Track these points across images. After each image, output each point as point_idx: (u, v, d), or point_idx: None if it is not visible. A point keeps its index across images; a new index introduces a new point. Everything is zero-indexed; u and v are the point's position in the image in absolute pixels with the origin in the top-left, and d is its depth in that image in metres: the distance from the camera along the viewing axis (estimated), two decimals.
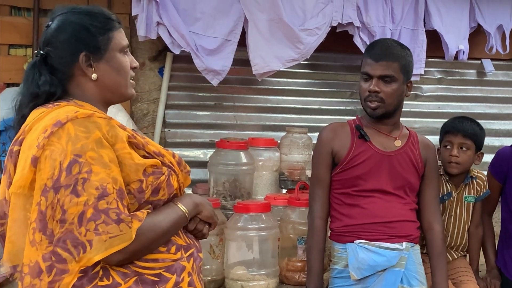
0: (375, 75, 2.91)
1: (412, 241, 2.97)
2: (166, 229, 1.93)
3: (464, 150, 3.33)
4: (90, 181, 1.78)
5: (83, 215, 1.76)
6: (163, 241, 1.94)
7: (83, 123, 1.84)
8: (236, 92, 4.60)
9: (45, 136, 1.82)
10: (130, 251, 1.81)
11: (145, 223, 1.84)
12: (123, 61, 2.05)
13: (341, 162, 2.97)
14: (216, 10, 4.15)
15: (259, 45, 4.18)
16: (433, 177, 3.10)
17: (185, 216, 2.01)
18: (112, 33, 2.03)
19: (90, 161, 1.80)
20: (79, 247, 1.77)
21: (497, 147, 4.69)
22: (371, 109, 2.95)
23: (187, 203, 2.04)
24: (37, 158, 1.82)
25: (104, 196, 1.78)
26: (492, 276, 3.50)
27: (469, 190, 3.44)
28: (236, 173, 3.66)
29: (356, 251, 2.89)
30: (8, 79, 4.17)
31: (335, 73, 4.80)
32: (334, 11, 4.29)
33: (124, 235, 1.78)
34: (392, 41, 3.14)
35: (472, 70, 5.11)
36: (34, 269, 1.82)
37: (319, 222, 2.99)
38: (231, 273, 3.25)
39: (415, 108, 4.89)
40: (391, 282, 2.85)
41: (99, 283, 1.82)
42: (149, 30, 3.98)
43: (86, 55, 1.99)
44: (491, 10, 4.75)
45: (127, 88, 2.08)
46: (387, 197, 2.95)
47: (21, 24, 4.21)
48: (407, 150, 3.01)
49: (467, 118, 3.47)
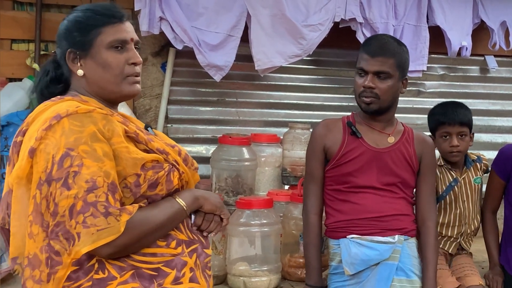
0: (371, 71, 2.89)
1: (406, 234, 2.95)
2: (160, 223, 1.91)
3: (462, 137, 3.37)
4: (80, 174, 1.78)
5: (73, 208, 1.77)
6: (159, 235, 1.92)
7: (79, 118, 1.85)
8: (239, 88, 4.60)
9: (43, 128, 1.84)
10: (119, 245, 1.80)
11: (135, 216, 1.83)
12: (109, 57, 1.98)
13: (333, 158, 2.96)
14: (219, 5, 4.15)
15: (261, 40, 4.18)
16: (428, 173, 3.08)
17: (183, 209, 1.99)
18: (101, 29, 1.98)
19: (82, 155, 1.80)
20: (70, 239, 1.78)
21: (500, 144, 4.69)
22: (365, 104, 2.93)
23: (186, 196, 2.02)
24: (34, 149, 1.83)
25: (94, 189, 1.78)
26: (495, 273, 3.50)
27: (476, 172, 3.49)
28: (239, 169, 3.65)
29: (349, 246, 2.89)
30: (10, 74, 4.17)
31: (338, 69, 4.80)
32: (337, 6, 4.29)
33: (112, 228, 1.78)
34: (389, 37, 3.13)
35: (475, 66, 5.11)
36: (33, 261, 1.83)
37: (314, 217, 2.99)
38: (233, 269, 3.25)
39: (417, 104, 4.88)
40: (385, 276, 2.84)
41: (94, 276, 1.83)
42: (152, 25, 3.98)
43: (72, 52, 1.99)
44: (494, 6, 4.74)
45: (119, 85, 2.01)
46: (379, 192, 2.94)
47: (24, 18, 4.20)
48: (400, 146, 3.00)
49: (455, 103, 3.49)
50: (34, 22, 4.17)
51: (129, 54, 2.02)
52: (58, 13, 4.24)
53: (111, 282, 1.84)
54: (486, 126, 5.02)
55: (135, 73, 2.03)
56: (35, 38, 4.16)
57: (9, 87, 4.03)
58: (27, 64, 4.15)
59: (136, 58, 2.03)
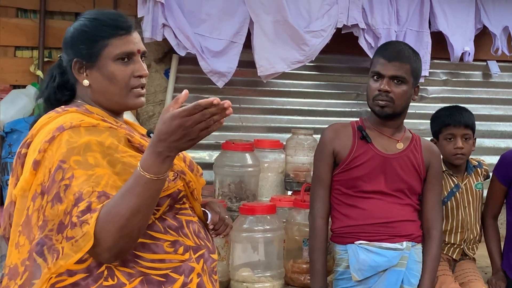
0: (387, 75, 2.91)
1: (414, 240, 2.96)
2: (134, 206, 1.71)
3: (467, 140, 3.39)
4: (70, 187, 1.76)
5: (62, 222, 1.75)
6: (145, 221, 1.77)
7: (78, 131, 1.84)
8: (242, 94, 4.60)
9: (46, 140, 1.83)
10: (107, 247, 1.72)
11: (100, 215, 1.71)
12: (115, 70, 1.97)
13: (342, 162, 2.97)
14: (221, 11, 4.16)
15: (264, 46, 4.19)
16: (435, 182, 3.09)
17: (147, 177, 1.71)
18: (108, 41, 1.96)
19: (74, 166, 1.77)
20: (54, 253, 1.75)
21: (503, 149, 4.69)
22: (379, 108, 2.93)
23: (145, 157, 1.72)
24: (38, 162, 1.83)
25: (79, 202, 1.74)
26: (498, 278, 3.50)
27: (476, 178, 3.51)
28: (242, 175, 3.66)
29: (357, 252, 2.89)
30: (14, 81, 4.17)
31: (341, 75, 4.80)
32: (340, 12, 4.30)
33: (86, 234, 1.70)
34: (405, 44, 3.16)
35: (478, 71, 5.11)
36: (13, 271, 1.83)
37: (320, 221, 2.99)
38: (236, 274, 3.25)
39: (420, 109, 4.88)
40: (393, 282, 2.86)
41: (104, 283, 1.82)
42: (155, 32, 3.99)
43: (79, 62, 1.98)
44: (496, 11, 4.75)
45: (124, 97, 1.99)
46: (386, 198, 2.95)
47: (27, 26, 4.21)
48: (408, 153, 3.01)
49: (459, 107, 3.52)
50: (37, 29, 4.18)
51: (135, 67, 2.00)
52: (61, 20, 4.25)
53: None
54: (489, 131, 5.02)
55: (140, 85, 2.02)
56: (39, 45, 4.17)
57: (13, 94, 4.04)
58: (31, 71, 4.16)
59: (142, 71, 2.01)
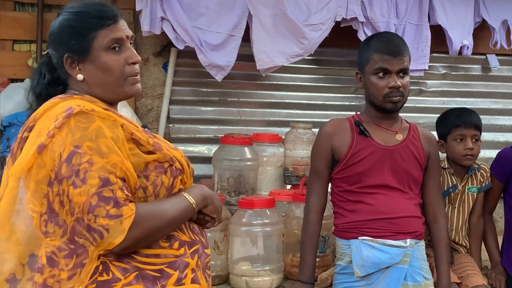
0: (395, 70, 2.88)
1: (417, 237, 2.96)
2: (172, 218, 1.92)
3: (476, 141, 3.40)
4: (92, 171, 1.79)
5: (89, 203, 1.77)
6: (168, 231, 1.92)
7: (86, 116, 1.85)
8: (240, 88, 4.59)
9: (56, 126, 1.83)
10: (132, 237, 1.80)
11: (148, 209, 1.85)
12: (109, 60, 1.97)
13: (342, 159, 2.94)
14: (220, 5, 4.14)
15: (263, 40, 4.17)
16: (436, 170, 3.09)
17: (192, 207, 1.99)
18: (97, 32, 1.96)
19: (88, 152, 1.80)
20: (94, 233, 1.78)
21: (502, 143, 4.70)
22: (393, 104, 2.90)
23: (196, 194, 2.02)
24: (45, 146, 1.83)
25: (108, 184, 1.79)
26: (497, 272, 3.50)
27: (472, 181, 3.50)
28: (241, 169, 3.66)
29: (360, 248, 2.88)
30: (12, 75, 4.17)
31: (340, 69, 4.79)
32: (338, 6, 4.28)
33: (130, 217, 1.79)
34: (395, 35, 3.17)
35: (477, 65, 5.10)
36: (51, 260, 1.83)
37: (314, 215, 2.97)
38: (235, 268, 3.25)
39: (419, 103, 4.88)
40: (395, 279, 2.85)
41: (98, 278, 1.83)
42: (153, 25, 3.98)
43: (70, 57, 1.98)
44: (495, 5, 4.73)
45: (121, 86, 2.01)
46: (391, 192, 2.93)
47: (25, 19, 4.20)
48: (408, 143, 2.99)
49: (467, 109, 3.53)
50: (35, 22, 4.17)
51: (127, 54, 2.01)
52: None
53: (116, 284, 1.84)
54: (488, 125, 5.01)
55: (135, 73, 2.03)
56: (37, 38, 4.16)
57: (11, 88, 4.03)
58: (29, 64, 4.16)
59: (135, 57, 2.03)
